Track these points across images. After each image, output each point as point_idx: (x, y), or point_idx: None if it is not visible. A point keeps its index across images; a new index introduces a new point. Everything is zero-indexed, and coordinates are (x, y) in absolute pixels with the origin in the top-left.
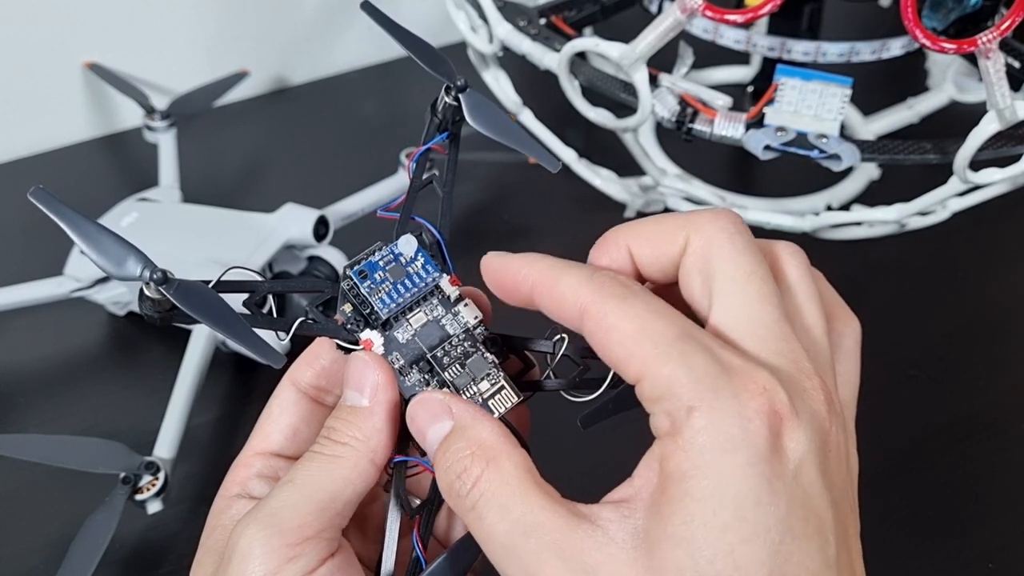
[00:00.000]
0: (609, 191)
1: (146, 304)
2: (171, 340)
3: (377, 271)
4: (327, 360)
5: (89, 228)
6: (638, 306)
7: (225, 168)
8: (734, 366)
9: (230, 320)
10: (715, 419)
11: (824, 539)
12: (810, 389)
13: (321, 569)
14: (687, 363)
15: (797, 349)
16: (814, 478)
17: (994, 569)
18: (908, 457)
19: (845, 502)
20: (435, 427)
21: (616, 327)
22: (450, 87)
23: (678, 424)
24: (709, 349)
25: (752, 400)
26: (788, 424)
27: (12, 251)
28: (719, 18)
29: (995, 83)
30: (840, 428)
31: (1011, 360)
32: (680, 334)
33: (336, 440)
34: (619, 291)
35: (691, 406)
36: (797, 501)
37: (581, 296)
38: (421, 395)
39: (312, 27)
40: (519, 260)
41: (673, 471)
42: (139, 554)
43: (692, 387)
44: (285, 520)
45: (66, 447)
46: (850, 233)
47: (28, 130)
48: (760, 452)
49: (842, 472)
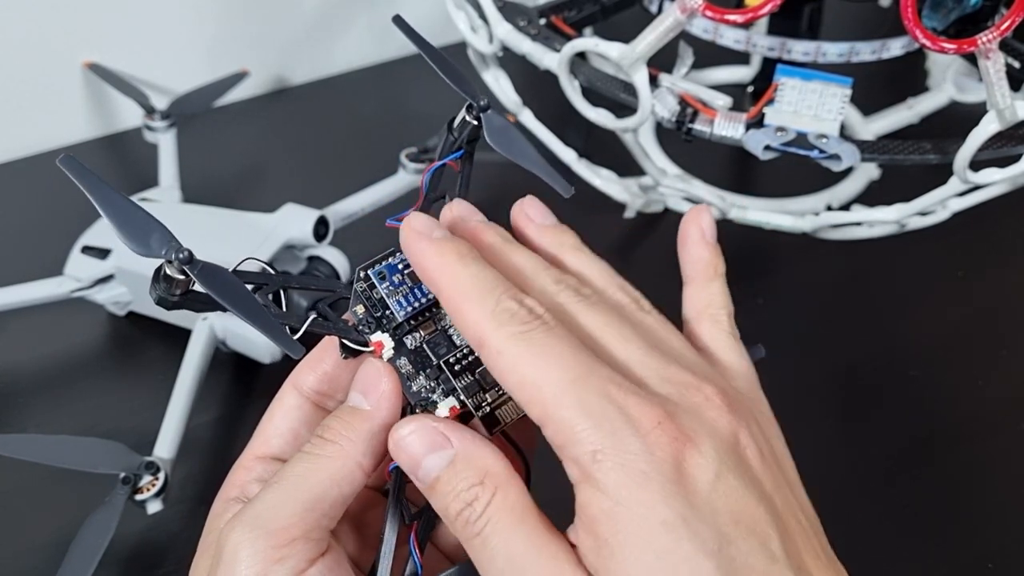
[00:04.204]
0: (609, 191)
1: (161, 286)
2: (171, 340)
3: (395, 274)
4: (330, 365)
5: (117, 200)
6: (535, 347)
7: (225, 168)
8: (629, 406)
9: (252, 306)
10: (621, 459)
11: (763, 535)
12: (703, 401)
13: (310, 570)
14: (585, 409)
15: (676, 371)
16: (734, 482)
17: (994, 569)
18: (908, 457)
19: (780, 490)
20: (434, 456)
21: (513, 371)
22: (472, 106)
23: (587, 470)
24: (606, 393)
25: (651, 433)
26: (691, 445)
27: (12, 251)
28: (719, 18)
29: (995, 83)
30: (751, 421)
31: (1010, 360)
32: (576, 378)
33: (327, 439)
34: (517, 329)
35: (595, 451)
36: (722, 508)
37: (480, 331)
38: (412, 423)
39: (312, 27)
40: (434, 248)
41: (597, 515)
42: (139, 554)
43: (593, 433)
44: (271, 521)
45: (66, 447)
46: (850, 233)
47: (28, 130)
48: (671, 476)
49: (768, 461)
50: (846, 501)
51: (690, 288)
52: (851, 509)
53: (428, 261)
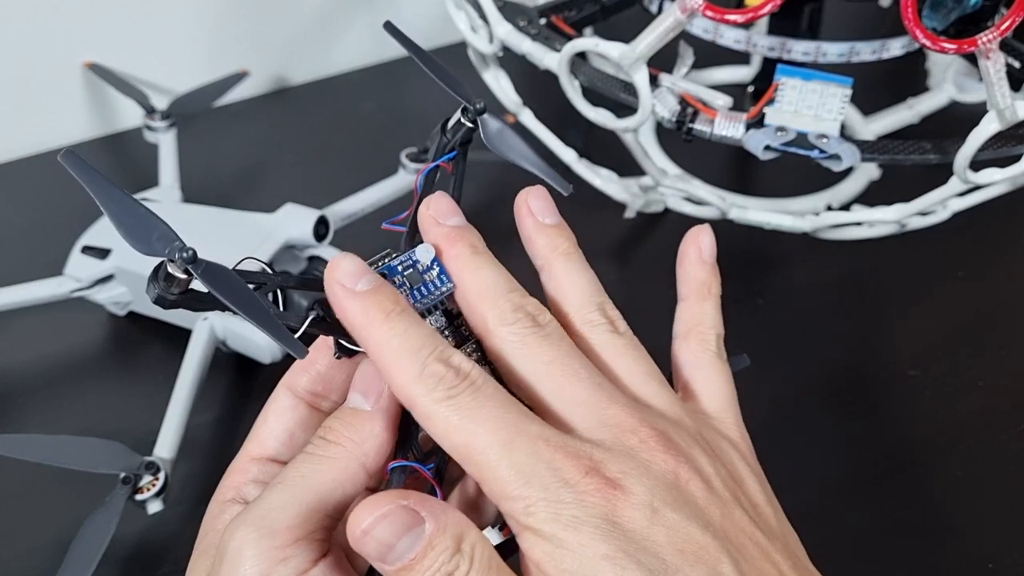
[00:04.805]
0: (609, 191)
1: (160, 284)
2: (171, 340)
3: (396, 275)
4: (323, 365)
5: (118, 197)
6: (463, 412)
7: (225, 168)
8: (557, 459)
9: (255, 306)
10: (554, 509)
11: (712, 560)
12: (637, 444)
13: (313, 571)
14: (516, 469)
15: (616, 412)
16: (672, 516)
17: (994, 569)
18: (908, 457)
19: (732, 515)
20: (408, 537)
21: (444, 436)
22: (467, 108)
23: (524, 522)
24: (534, 452)
25: (582, 481)
26: (619, 490)
27: (12, 251)
28: (719, 18)
29: (995, 83)
30: (697, 453)
31: (1011, 360)
32: (504, 441)
33: (330, 440)
34: (443, 394)
35: (527, 504)
36: (663, 541)
37: (407, 395)
38: (376, 507)
39: (312, 27)
40: (357, 305)
41: (541, 558)
42: (139, 554)
43: (525, 489)
44: (275, 521)
45: (66, 447)
46: (850, 233)
47: (28, 130)
48: (606, 516)
49: (716, 489)
50: (845, 501)
51: (683, 305)
52: (850, 508)
53: (352, 319)
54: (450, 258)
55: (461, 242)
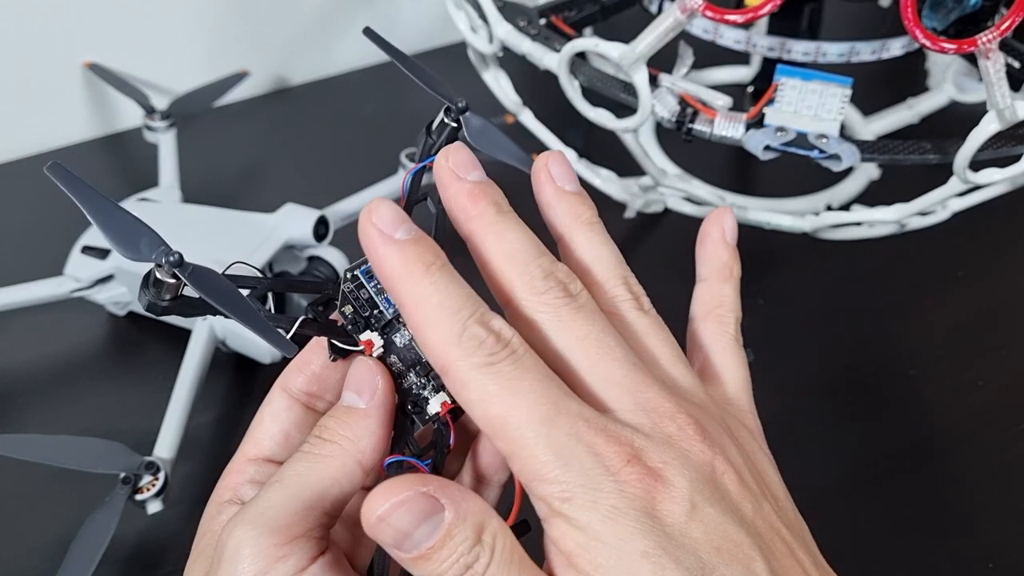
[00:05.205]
0: (609, 191)
1: (150, 291)
2: (171, 340)
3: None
4: (318, 366)
5: (104, 205)
6: (502, 382)
7: (225, 168)
8: (598, 444)
9: (243, 307)
10: (592, 497)
11: (746, 559)
12: (676, 431)
13: (311, 568)
14: (554, 450)
15: (653, 396)
16: (710, 511)
17: (994, 569)
18: (908, 457)
19: (762, 510)
20: (427, 525)
21: (479, 404)
22: (450, 108)
23: (557, 508)
24: (575, 432)
25: (623, 469)
26: (661, 481)
27: (12, 251)
28: (719, 18)
29: (995, 83)
30: (727, 444)
31: (1011, 360)
32: (544, 417)
33: (325, 439)
34: (483, 360)
35: (564, 490)
36: (701, 538)
37: (444, 357)
38: (395, 492)
39: (312, 27)
40: (397, 254)
41: (573, 549)
42: (139, 554)
43: (563, 473)
44: (273, 519)
45: (66, 447)
46: (850, 233)
47: (28, 130)
48: (646, 511)
49: (747, 482)
50: (846, 500)
51: (702, 286)
52: (851, 508)
53: (390, 270)
54: (471, 218)
55: (484, 199)
